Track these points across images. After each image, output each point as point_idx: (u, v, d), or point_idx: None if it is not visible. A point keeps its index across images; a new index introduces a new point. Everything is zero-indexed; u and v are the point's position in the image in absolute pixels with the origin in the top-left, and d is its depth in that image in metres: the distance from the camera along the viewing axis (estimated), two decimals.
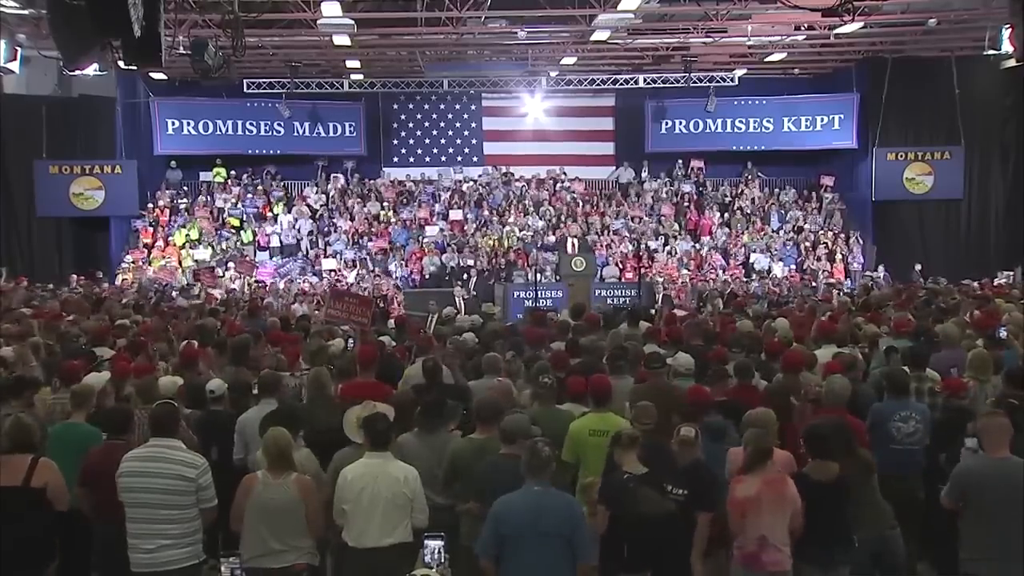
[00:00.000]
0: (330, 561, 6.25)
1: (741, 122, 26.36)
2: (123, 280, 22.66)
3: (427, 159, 27.82)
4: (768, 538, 5.53)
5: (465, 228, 25.33)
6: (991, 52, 19.95)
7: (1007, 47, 17.88)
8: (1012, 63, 19.06)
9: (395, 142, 27.89)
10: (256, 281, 22.27)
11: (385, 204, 26.22)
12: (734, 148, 26.95)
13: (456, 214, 25.59)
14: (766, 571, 5.57)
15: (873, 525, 6.07)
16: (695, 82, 24.92)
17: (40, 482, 5.71)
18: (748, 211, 26.24)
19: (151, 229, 24.98)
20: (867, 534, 6.00)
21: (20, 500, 5.65)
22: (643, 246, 23.80)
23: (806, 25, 20.56)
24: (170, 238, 24.82)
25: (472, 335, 10.23)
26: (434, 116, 27.90)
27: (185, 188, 26.62)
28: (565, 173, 27.55)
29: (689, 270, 23.69)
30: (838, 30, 19.80)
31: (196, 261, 23.95)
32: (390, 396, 7.07)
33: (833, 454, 5.84)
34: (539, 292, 19.28)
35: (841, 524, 5.80)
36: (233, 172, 26.92)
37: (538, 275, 21.28)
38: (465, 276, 23.05)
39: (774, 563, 5.56)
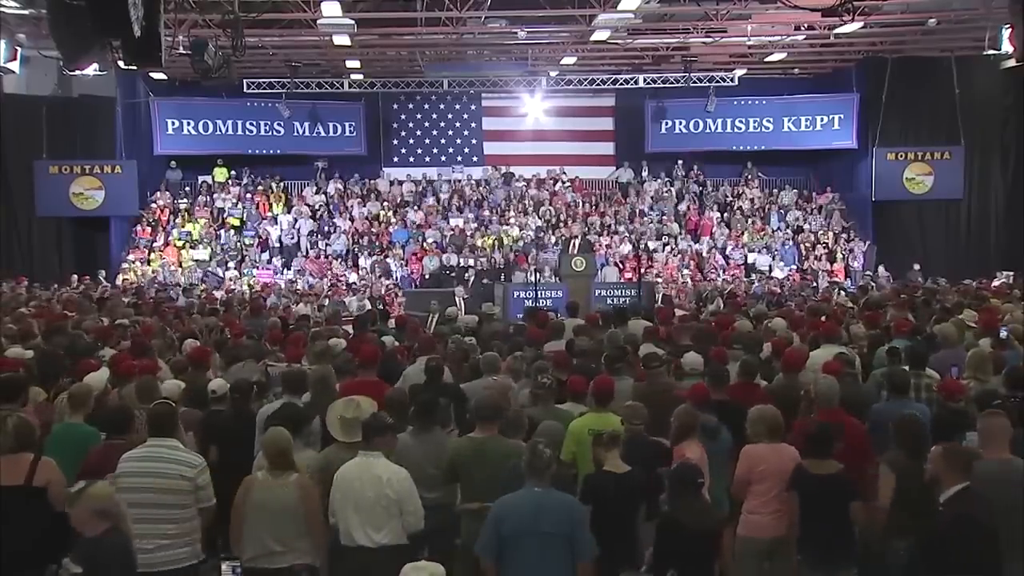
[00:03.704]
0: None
1: (741, 122, 26.34)
2: (124, 280, 22.64)
3: (427, 159, 27.82)
4: None
5: (465, 228, 25.33)
6: (991, 52, 19.93)
7: (1007, 47, 17.89)
8: (1012, 63, 19.02)
9: (395, 142, 27.88)
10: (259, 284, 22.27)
11: (385, 204, 26.24)
12: (734, 148, 26.94)
13: (458, 220, 25.58)
14: None
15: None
16: (695, 82, 24.93)
17: (42, 481, 5.69)
18: (748, 211, 26.24)
19: (151, 229, 24.97)
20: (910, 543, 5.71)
21: (21, 499, 5.62)
22: (643, 246, 23.80)
23: (806, 25, 20.56)
24: (170, 238, 24.82)
25: (471, 335, 10.21)
26: (434, 116, 27.89)
27: (186, 188, 26.62)
28: (565, 172, 27.56)
29: (689, 270, 23.70)
30: (838, 30, 19.79)
31: (196, 261, 23.95)
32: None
33: (830, 454, 5.79)
34: (539, 292, 19.23)
35: (842, 525, 5.73)
36: (233, 172, 26.93)
37: (538, 275, 21.26)
38: (465, 276, 23.04)
39: None
